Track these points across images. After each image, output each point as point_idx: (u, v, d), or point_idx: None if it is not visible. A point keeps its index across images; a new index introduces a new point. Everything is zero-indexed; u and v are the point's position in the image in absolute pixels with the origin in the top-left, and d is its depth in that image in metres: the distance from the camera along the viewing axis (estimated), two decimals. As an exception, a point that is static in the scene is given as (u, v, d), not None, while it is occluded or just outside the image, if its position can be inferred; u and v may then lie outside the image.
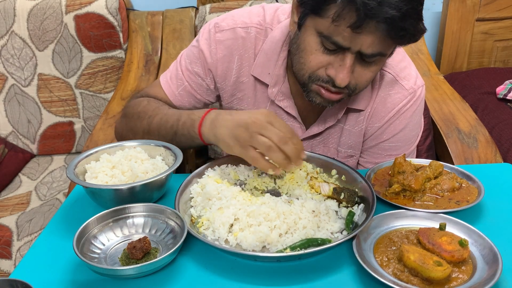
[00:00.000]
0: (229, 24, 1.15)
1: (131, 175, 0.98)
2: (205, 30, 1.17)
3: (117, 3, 1.99)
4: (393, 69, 1.15)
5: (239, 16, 1.16)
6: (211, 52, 1.16)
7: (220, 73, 1.17)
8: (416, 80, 1.16)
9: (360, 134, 1.20)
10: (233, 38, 1.15)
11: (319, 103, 1.04)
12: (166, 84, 1.21)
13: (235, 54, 1.16)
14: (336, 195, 0.95)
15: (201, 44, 1.17)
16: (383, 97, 1.15)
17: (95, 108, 2.09)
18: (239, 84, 1.19)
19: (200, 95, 1.21)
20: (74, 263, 0.84)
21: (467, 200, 0.96)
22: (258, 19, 1.15)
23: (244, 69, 1.17)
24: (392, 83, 1.15)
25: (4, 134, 2.06)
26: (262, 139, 0.90)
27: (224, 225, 0.87)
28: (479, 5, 2.30)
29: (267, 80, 1.15)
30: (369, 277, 0.77)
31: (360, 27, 0.87)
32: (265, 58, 1.14)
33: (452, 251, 0.78)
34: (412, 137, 1.21)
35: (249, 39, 1.15)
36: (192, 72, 1.19)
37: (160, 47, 2.09)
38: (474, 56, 2.43)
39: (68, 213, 1.00)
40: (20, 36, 1.97)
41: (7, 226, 1.62)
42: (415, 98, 1.16)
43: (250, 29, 1.15)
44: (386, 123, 1.17)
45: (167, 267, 0.83)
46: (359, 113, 1.17)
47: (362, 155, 1.25)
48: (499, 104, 2.03)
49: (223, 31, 1.15)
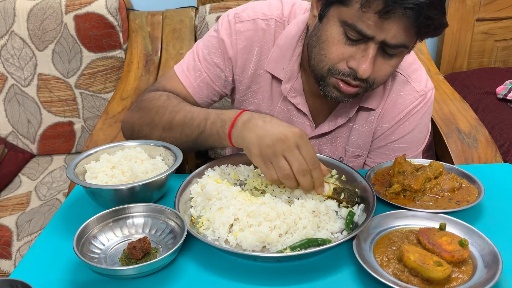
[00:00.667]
0: (250, 15, 1.14)
1: (131, 175, 0.98)
2: (224, 20, 1.16)
3: (117, 3, 1.99)
4: (404, 70, 1.15)
5: (260, 8, 1.15)
6: (232, 42, 1.14)
7: (240, 64, 1.16)
8: (427, 82, 1.17)
9: (370, 134, 1.20)
10: (253, 29, 1.14)
11: (335, 98, 1.03)
12: (184, 75, 1.18)
13: (255, 46, 1.15)
14: (336, 195, 0.95)
15: (222, 34, 1.14)
16: (394, 97, 1.15)
17: (95, 108, 2.09)
18: (256, 76, 1.18)
19: (218, 86, 1.19)
20: (74, 263, 0.84)
21: (467, 200, 0.96)
22: (278, 12, 1.15)
23: (263, 61, 1.16)
24: (403, 84, 1.15)
25: (4, 134, 2.06)
26: (283, 163, 0.88)
27: (224, 225, 0.87)
28: (479, 5, 2.30)
29: (281, 76, 1.14)
30: (369, 277, 0.77)
31: (388, 13, 0.87)
32: (279, 53, 1.13)
33: (452, 251, 0.78)
34: (420, 139, 1.21)
35: (269, 32, 1.14)
36: (210, 63, 1.17)
37: (160, 47, 2.09)
38: (474, 56, 2.43)
39: (68, 213, 1.00)
40: (20, 36, 1.97)
41: (7, 226, 1.62)
42: (426, 100, 1.16)
43: (270, 21, 1.14)
44: (396, 124, 1.17)
45: (167, 267, 0.83)
46: (369, 112, 1.17)
47: (369, 155, 1.25)
48: (499, 104, 2.03)
49: (244, 22, 1.14)
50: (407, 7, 0.85)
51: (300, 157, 0.88)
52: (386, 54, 0.96)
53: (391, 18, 0.88)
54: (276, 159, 0.89)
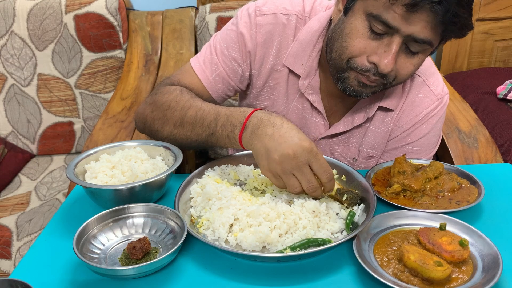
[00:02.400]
0: (271, 9, 1.13)
1: (131, 175, 0.98)
2: (244, 13, 1.14)
3: (117, 3, 1.99)
4: (422, 73, 1.15)
5: (281, 2, 1.14)
6: (252, 36, 1.13)
7: (258, 58, 1.15)
8: (443, 87, 1.17)
9: (386, 135, 1.19)
10: (274, 24, 1.12)
11: (353, 91, 1.02)
12: (200, 68, 1.17)
13: (275, 40, 1.13)
14: (339, 196, 0.95)
15: (241, 28, 1.13)
16: (412, 99, 1.15)
17: (95, 108, 2.08)
18: (273, 72, 1.16)
19: (234, 81, 1.18)
20: (74, 263, 0.84)
21: (467, 200, 0.96)
22: (299, 8, 1.14)
23: (281, 57, 1.15)
24: (421, 86, 1.15)
25: (4, 134, 2.06)
26: (293, 181, 0.87)
27: (224, 225, 0.87)
28: (479, 5, 2.30)
29: (300, 71, 1.13)
30: (369, 277, 0.77)
31: (416, 7, 0.86)
32: (299, 48, 1.12)
33: (452, 251, 0.78)
34: (434, 143, 1.21)
35: (290, 27, 1.13)
36: (228, 57, 1.15)
37: (160, 47, 2.09)
38: (474, 56, 2.43)
39: (68, 213, 1.00)
40: (20, 36, 1.97)
41: (7, 226, 1.62)
42: (442, 104, 1.16)
43: (291, 16, 1.13)
44: (412, 126, 1.16)
45: (167, 267, 0.83)
46: (386, 113, 1.16)
47: (383, 156, 1.23)
48: (499, 104, 2.03)
49: (264, 15, 1.12)
50: (435, 2, 0.85)
51: (310, 176, 0.87)
52: (409, 51, 0.95)
53: (418, 12, 0.88)
54: (285, 176, 0.87)
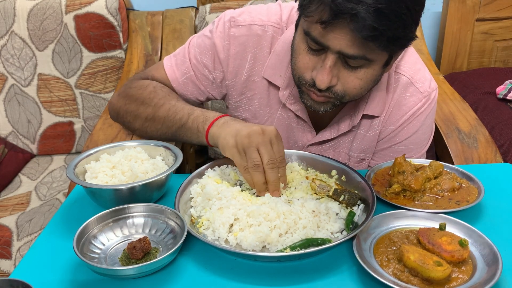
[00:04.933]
0: (246, 20, 1.13)
1: (131, 175, 0.98)
2: (220, 22, 1.14)
3: (117, 3, 1.99)
4: (407, 71, 1.14)
5: (257, 13, 1.14)
6: (224, 47, 1.13)
7: (232, 69, 1.15)
8: (431, 83, 1.15)
9: (374, 138, 1.19)
10: (248, 35, 1.12)
11: (310, 106, 1.04)
12: (171, 69, 1.18)
13: (249, 52, 1.13)
14: (336, 196, 0.95)
15: (215, 37, 1.14)
16: (398, 100, 1.14)
17: (95, 108, 2.08)
18: (249, 83, 1.17)
19: (204, 86, 1.19)
20: (74, 263, 0.84)
21: (467, 200, 0.96)
22: (276, 17, 1.13)
23: (257, 68, 1.15)
24: (407, 86, 1.13)
25: (4, 134, 2.06)
26: (255, 154, 0.92)
27: (224, 225, 0.87)
28: (479, 5, 2.30)
29: (279, 83, 1.13)
30: (369, 277, 0.77)
31: (330, 24, 0.86)
32: (277, 60, 1.12)
33: (452, 251, 0.78)
34: (424, 140, 1.20)
35: (265, 38, 1.12)
36: (200, 63, 1.16)
37: (160, 47, 2.09)
38: (474, 56, 2.42)
39: (68, 213, 1.00)
40: (20, 36, 1.97)
41: (7, 226, 1.62)
42: (430, 101, 1.15)
43: (267, 27, 1.12)
44: (400, 126, 1.16)
45: (167, 267, 0.83)
46: (373, 117, 1.16)
47: (373, 157, 1.23)
48: (499, 104, 2.03)
49: (239, 27, 1.12)
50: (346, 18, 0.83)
51: (271, 152, 0.92)
52: (348, 65, 0.94)
53: (336, 29, 0.87)
54: (250, 150, 0.92)
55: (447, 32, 2.34)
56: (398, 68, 1.13)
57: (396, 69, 1.13)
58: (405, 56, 1.14)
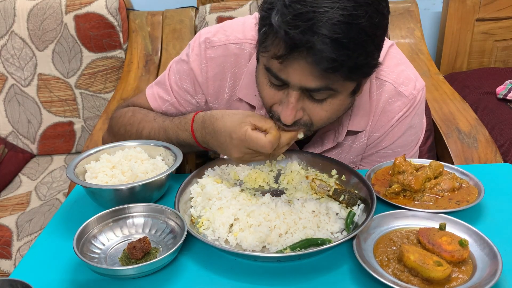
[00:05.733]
0: (221, 40, 1.09)
1: (131, 175, 0.98)
2: (195, 44, 1.11)
3: (117, 3, 1.99)
4: (389, 76, 1.09)
5: (232, 31, 1.10)
6: (202, 70, 1.10)
7: (212, 91, 1.12)
8: (416, 83, 1.10)
9: (362, 148, 1.15)
10: (225, 55, 1.09)
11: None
12: (153, 98, 1.17)
13: (228, 72, 1.10)
14: (336, 196, 0.95)
15: (191, 61, 1.11)
16: (383, 107, 1.09)
17: (95, 108, 2.09)
18: (232, 102, 1.13)
19: (186, 109, 1.16)
20: (74, 263, 0.84)
21: (467, 200, 0.96)
22: (252, 33, 1.08)
23: (237, 87, 1.11)
24: (391, 91, 1.08)
25: (4, 134, 2.06)
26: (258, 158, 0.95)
27: (224, 225, 0.87)
28: (479, 5, 2.30)
29: (254, 102, 1.10)
30: (369, 277, 0.77)
31: (287, 59, 0.81)
32: (250, 79, 1.07)
33: (452, 251, 0.78)
34: (412, 142, 1.17)
35: (243, 56, 1.09)
36: (181, 88, 1.14)
37: (160, 47, 2.09)
38: (474, 56, 2.42)
39: (68, 213, 1.00)
40: (20, 36, 1.97)
41: (7, 226, 1.62)
42: (416, 103, 1.10)
43: (244, 45, 1.08)
44: (385, 132, 1.12)
45: (167, 267, 0.83)
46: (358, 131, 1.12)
47: (361, 162, 1.21)
48: (499, 104, 2.03)
49: (215, 47, 1.09)
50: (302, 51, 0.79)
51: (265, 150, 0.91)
52: (313, 98, 0.89)
53: (295, 62, 0.82)
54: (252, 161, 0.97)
55: (447, 32, 2.34)
56: (379, 74, 1.09)
57: (378, 75, 1.09)
58: (386, 60, 1.09)
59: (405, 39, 2.11)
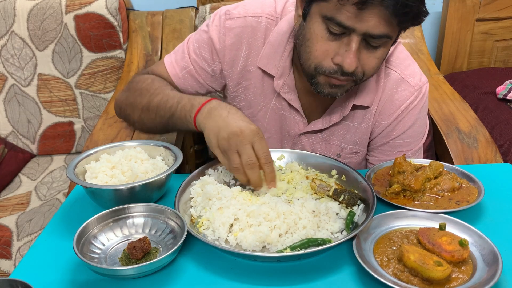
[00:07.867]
0: (240, 13, 1.16)
1: (131, 175, 0.98)
2: (216, 16, 1.18)
3: (117, 3, 1.99)
4: (398, 66, 1.16)
5: (251, 6, 1.18)
6: (220, 38, 1.16)
7: (228, 60, 1.18)
8: (421, 77, 1.18)
9: (367, 131, 1.21)
10: (243, 26, 1.16)
11: (328, 94, 1.04)
12: (171, 65, 1.22)
13: (244, 43, 1.16)
14: (336, 196, 0.95)
15: (211, 30, 1.17)
16: (390, 94, 1.16)
17: (95, 108, 2.08)
18: (245, 73, 1.19)
19: (203, 79, 1.21)
20: (74, 263, 0.84)
21: (467, 200, 0.96)
22: (270, 9, 1.16)
23: (252, 58, 1.18)
24: (398, 81, 1.16)
25: (4, 134, 2.06)
26: (234, 156, 0.94)
27: (224, 225, 0.87)
28: (479, 5, 2.30)
29: (273, 72, 1.16)
30: (369, 277, 0.77)
31: (365, 4, 0.87)
32: (271, 50, 1.15)
33: (452, 251, 0.78)
34: (420, 133, 1.23)
35: (259, 29, 1.15)
36: (199, 56, 1.19)
37: (160, 47, 2.09)
38: (474, 56, 2.42)
39: (68, 213, 1.00)
40: (20, 36, 1.97)
41: (7, 226, 1.62)
42: (422, 94, 1.17)
43: (260, 19, 1.16)
44: (395, 120, 1.18)
45: (167, 267, 0.83)
46: (365, 110, 1.18)
47: (373, 153, 1.26)
48: (499, 104, 2.03)
49: (234, 19, 1.16)
50: None
51: (250, 152, 0.93)
52: (370, 46, 0.96)
53: (369, 8, 0.89)
54: (230, 152, 0.94)
55: (447, 32, 2.34)
56: (388, 63, 1.16)
57: (386, 63, 1.16)
58: (395, 52, 1.17)
59: (405, 39, 2.11)
